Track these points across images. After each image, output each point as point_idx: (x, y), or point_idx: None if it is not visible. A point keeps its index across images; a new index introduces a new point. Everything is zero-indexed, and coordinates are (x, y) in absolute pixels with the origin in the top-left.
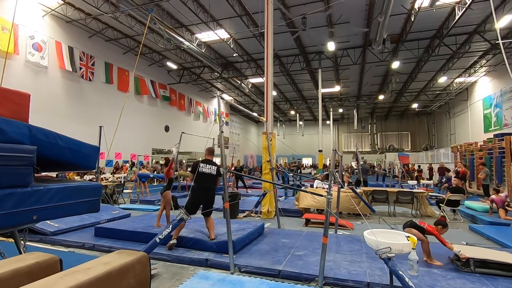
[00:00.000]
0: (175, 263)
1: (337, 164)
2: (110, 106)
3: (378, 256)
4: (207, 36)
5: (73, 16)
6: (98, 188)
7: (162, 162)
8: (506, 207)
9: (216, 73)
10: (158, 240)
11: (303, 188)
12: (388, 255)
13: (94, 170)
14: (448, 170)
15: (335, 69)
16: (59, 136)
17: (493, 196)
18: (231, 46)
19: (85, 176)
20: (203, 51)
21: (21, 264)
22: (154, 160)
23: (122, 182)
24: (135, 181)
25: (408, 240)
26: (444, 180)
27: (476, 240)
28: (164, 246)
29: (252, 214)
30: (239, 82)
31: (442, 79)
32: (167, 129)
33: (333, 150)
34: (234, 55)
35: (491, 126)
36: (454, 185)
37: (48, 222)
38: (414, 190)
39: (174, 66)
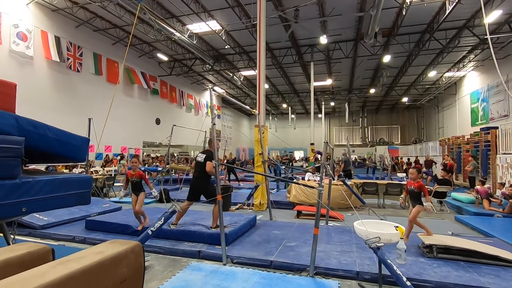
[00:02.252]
0: (168, 255)
1: (329, 157)
2: (99, 98)
3: (367, 245)
4: (198, 27)
5: (59, 5)
6: (88, 180)
7: (153, 155)
8: (490, 198)
9: (207, 65)
10: (150, 233)
11: (294, 180)
12: (377, 244)
13: (83, 163)
14: (434, 163)
15: (327, 62)
16: (48, 127)
17: (478, 187)
18: (223, 38)
19: (74, 169)
20: (195, 42)
21: (12, 254)
22: (145, 153)
23: (113, 175)
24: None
25: (397, 230)
26: (425, 173)
27: (461, 230)
28: (157, 238)
29: (244, 207)
30: (231, 74)
31: (432, 74)
32: (158, 121)
33: (324, 142)
34: (226, 47)
35: (478, 120)
36: (441, 177)
37: (37, 215)
38: (403, 182)
39: (165, 58)
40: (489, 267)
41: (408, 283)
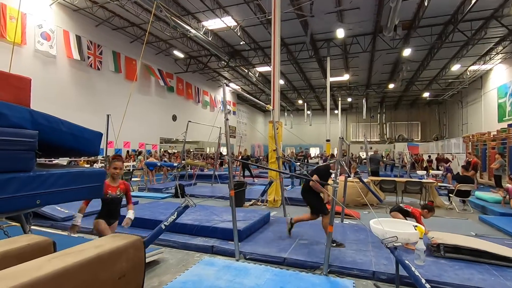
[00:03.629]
0: (181, 249)
1: (345, 153)
2: (118, 95)
3: (384, 245)
4: (213, 23)
5: (79, 4)
6: (101, 174)
7: (169, 151)
8: None
9: (223, 62)
10: (163, 227)
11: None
12: (395, 244)
13: (102, 158)
14: (448, 161)
15: (344, 57)
16: (61, 121)
17: (509, 185)
18: (238, 34)
19: (95, 164)
20: (210, 39)
21: (12, 246)
22: (162, 150)
23: (131, 171)
24: (142, 169)
25: (416, 230)
26: (446, 169)
27: (486, 231)
28: (171, 232)
29: (258, 203)
30: (246, 71)
31: (455, 67)
32: (174, 118)
33: (340, 138)
34: (241, 43)
35: (506, 115)
36: (461, 175)
37: (58, 208)
38: (423, 180)
39: (181, 55)
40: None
41: (428, 286)
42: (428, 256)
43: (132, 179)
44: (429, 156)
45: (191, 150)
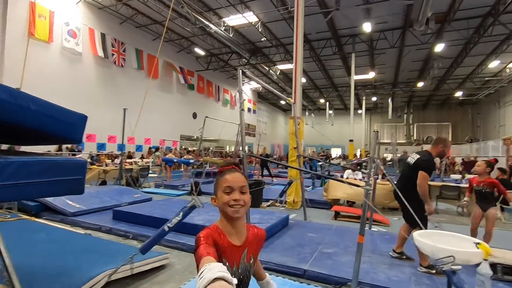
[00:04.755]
0: (191, 253)
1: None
2: (140, 91)
3: (437, 268)
4: (234, 19)
5: (104, 2)
6: (81, 165)
7: (190, 148)
8: None
9: (244, 59)
10: (167, 229)
11: (337, 178)
12: (453, 267)
13: (124, 153)
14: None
15: (370, 53)
16: (32, 98)
17: None
18: (259, 30)
19: (116, 159)
20: (231, 35)
21: None
22: (183, 146)
23: (148, 166)
24: (160, 165)
25: (478, 248)
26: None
27: None
28: (179, 233)
29: (276, 204)
30: (267, 68)
31: (493, 64)
32: (195, 116)
33: (374, 131)
34: (262, 39)
35: None
36: (497, 178)
37: (70, 202)
38: (461, 185)
39: (202, 52)
40: None
41: None
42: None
43: (149, 175)
44: (462, 159)
45: (211, 148)
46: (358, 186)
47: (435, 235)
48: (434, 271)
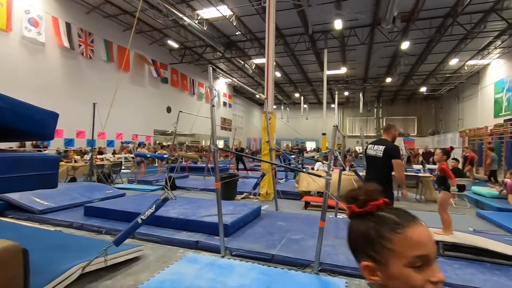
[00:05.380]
0: (164, 245)
1: (340, 146)
2: (110, 85)
3: None
4: (208, 12)
5: None
6: (53, 160)
7: (164, 143)
8: None
9: (218, 53)
10: (140, 221)
11: (304, 170)
12: None
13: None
14: (433, 155)
15: (341, 49)
16: (1, 96)
17: (508, 180)
18: (234, 24)
19: (85, 156)
20: (205, 29)
21: None
22: (157, 141)
23: (121, 162)
24: (140, 161)
25: None
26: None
27: (484, 227)
28: (153, 226)
29: (250, 196)
30: (242, 62)
31: (453, 61)
32: (169, 110)
33: (334, 126)
34: (237, 33)
35: (502, 111)
36: (451, 167)
37: (37, 199)
38: (420, 174)
39: (175, 45)
40: None
41: None
42: (460, 260)
43: (122, 170)
44: (423, 151)
45: (186, 142)
46: (320, 176)
47: None
48: None
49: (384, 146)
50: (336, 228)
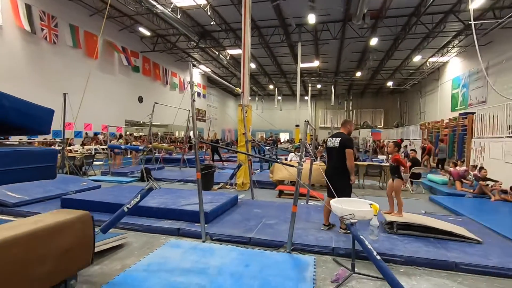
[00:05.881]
0: (146, 233)
1: (311, 138)
2: (77, 72)
3: (342, 222)
4: (182, 1)
5: None
6: (52, 153)
7: (136, 134)
8: (462, 180)
9: (192, 42)
10: (126, 210)
11: (278, 161)
12: (351, 221)
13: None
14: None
15: (315, 43)
16: (4, 95)
17: (451, 169)
18: (208, 14)
19: (51, 147)
20: (179, 17)
21: None
22: (128, 132)
23: (93, 154)
24: (119, 152)
25: (371, 207)
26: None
27: (434, 210)
28: (136, 216)
29: (226, 186)
30: (217, 53)
31: (417, 58)
32: (141, 100)
33: (305, 121)
34: (212, 23)
35: (458, 105)
36: (411, 157)
37: (9, 193)
38: (383, 164)
39: (147, 33)
40: (456, 243)
41: (378, 257)
42: (383, 232)
43: (94, 163)
44: (389, 142)
45: (159, 133)
46: (293, 166)
47: (345, 201)
48: (349, 231)
49: (340, 138)
50: (307, 213)
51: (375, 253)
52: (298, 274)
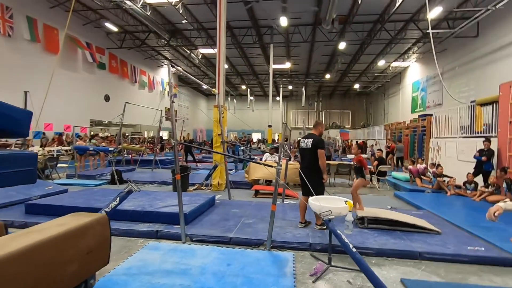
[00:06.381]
0: (123, 237)
1: (287, 139)
2: (36, 69)
3: (319, 218)
4: None
5: None
6: (32, 157)
7: (101, 134)
8: (422, 176)
9: (163, 40)
10: (104, 213)
11: (255, 160)
12: (329, 217)
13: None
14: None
15: (286, 45)
16: None
17: (410, 167)
18: (180, 12)
19: (7, 148)
20: (148, 14)
21: None
22: (92, 132)
23: (55, 156)
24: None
25: (346, 204)
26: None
27: (398, 205)
28: (111, 220)
29: (202, 187)
30: (188, 52)
31: (381, 63)
32: (107, 98)
33: (283, 123)
34: (183, 21)
35: (417, 107)
36: (377, 156)
37: None
38: (352, 163)
39: (114, 28)
40: (420, 235)
41: (354, 250)
42: (355, 227)
43: (58, 165)
44: (356, 142)
45: (127, 134)
46: (271, 166)
47: (322, 198)
48: (325, 227)
49: (312, 139)
50: (283, 212)
51: (351, 246)
52: (279, 270)
